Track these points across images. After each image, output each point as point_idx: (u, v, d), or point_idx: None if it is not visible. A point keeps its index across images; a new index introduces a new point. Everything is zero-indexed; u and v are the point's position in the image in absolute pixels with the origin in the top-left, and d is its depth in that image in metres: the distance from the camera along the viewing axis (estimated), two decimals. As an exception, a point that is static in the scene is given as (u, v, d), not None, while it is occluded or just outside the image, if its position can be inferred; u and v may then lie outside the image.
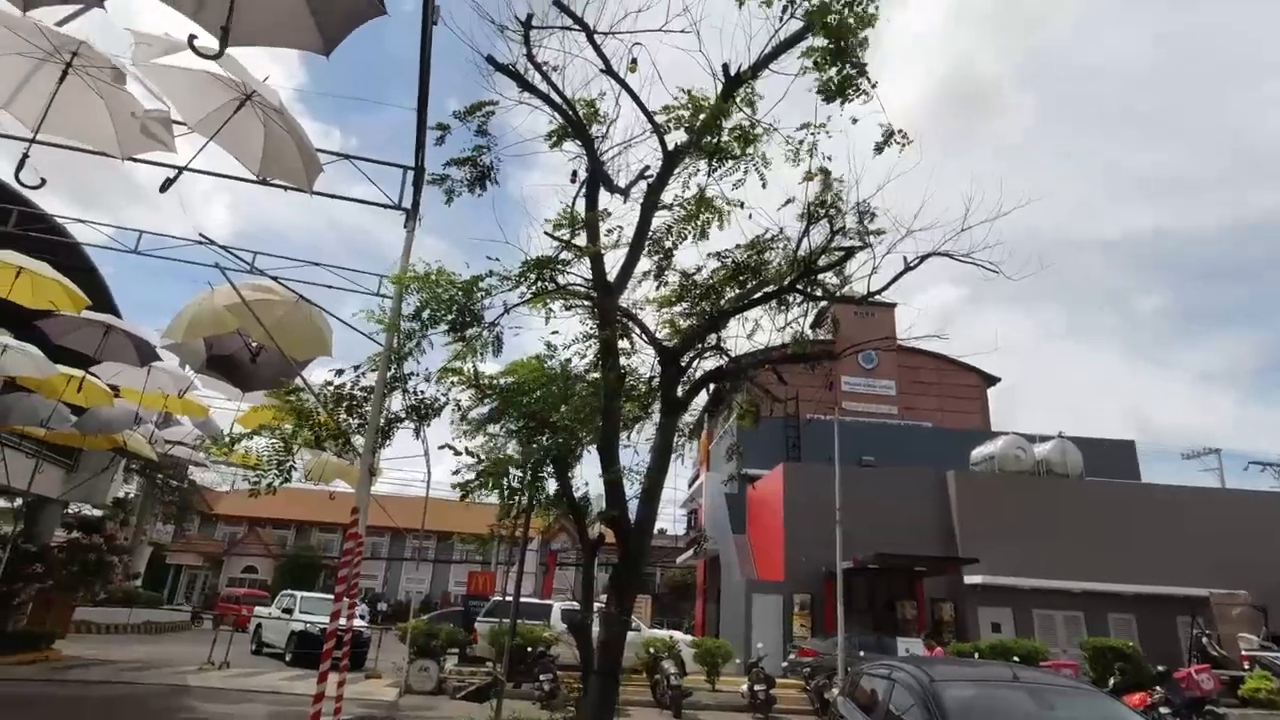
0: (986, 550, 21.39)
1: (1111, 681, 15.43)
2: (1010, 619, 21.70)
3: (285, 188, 5.59)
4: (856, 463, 25.09)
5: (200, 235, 7.01)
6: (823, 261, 6.62)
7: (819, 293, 6.99)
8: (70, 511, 21.18)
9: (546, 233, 6.04)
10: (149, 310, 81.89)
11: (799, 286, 6.69)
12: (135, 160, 5.47)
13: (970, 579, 21.65)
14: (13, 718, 10.11)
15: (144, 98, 5.45)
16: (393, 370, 6.19)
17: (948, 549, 22.38)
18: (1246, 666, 18.12)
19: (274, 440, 6.59)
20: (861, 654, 14.83)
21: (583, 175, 6.29)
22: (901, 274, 6.27)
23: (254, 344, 8.79)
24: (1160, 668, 16.71)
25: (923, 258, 6.20)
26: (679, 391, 6.92)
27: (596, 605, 7.26)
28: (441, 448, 6.83)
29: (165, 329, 8.38)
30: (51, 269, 8.69)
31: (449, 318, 5.67)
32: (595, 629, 6.45)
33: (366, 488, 5.88)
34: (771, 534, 24.21)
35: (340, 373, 6.44)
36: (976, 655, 16.48)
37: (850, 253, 6.57)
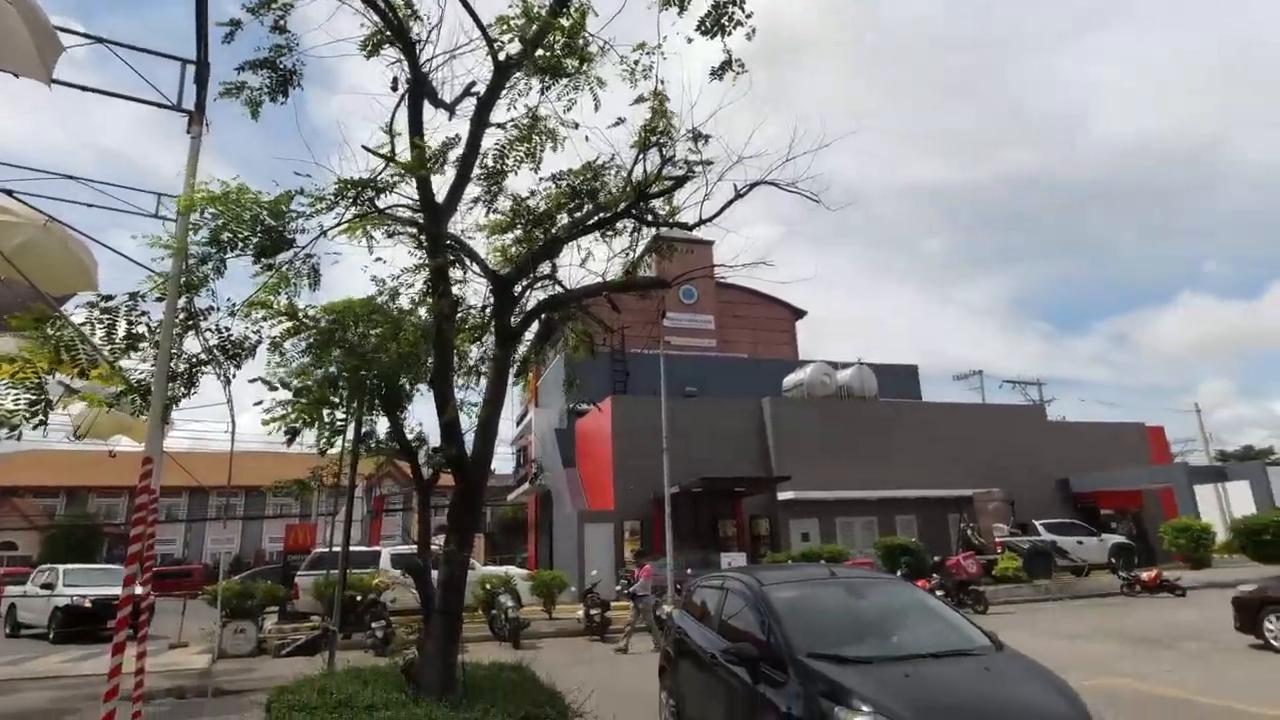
0: (797, 468, 23.43)
1: (899, 573, 17.70)
2: (817, 528, 24.11)
3: (14, 74, 4.52)
4: (680, 394, 26.19)
5: (-96, 137, 5.61)
6: (655, 189, 6.58)
7: (650, 219, 6.99)
8: None
9: (365, 147, 5.44)
10: None
11: (633, 212, 6.63)
12: None
13: (783, 495, 23.69)
14: None
15: None
16: (184, 300, 5.38)
17: (764, 470, 24.24)
18: (1000, 551, 21.58)
19: (20, 374, 5.50)
20: (690, 571, 15.79)
21: (404, 86, 5.72)
22: (732, 200, 6.40)
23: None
24: (936, 558, 19.42)
25: (751, 185, 6.36)
26: (512, 322, 6.69)
27: (433, 545, 7.02)
28: (253, 380, 6.12)
29: None
30: None
31: (254, 240, 4.99)
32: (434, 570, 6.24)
33: (159, 435, 5.16)
34: (601, 465, 24.83)
35: (108, 298, 5.48)
36: (790, 562, 18.14)
37: (682, 180, 6.59)
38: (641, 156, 6.48)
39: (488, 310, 7.16)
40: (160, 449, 5.56)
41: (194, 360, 6.09)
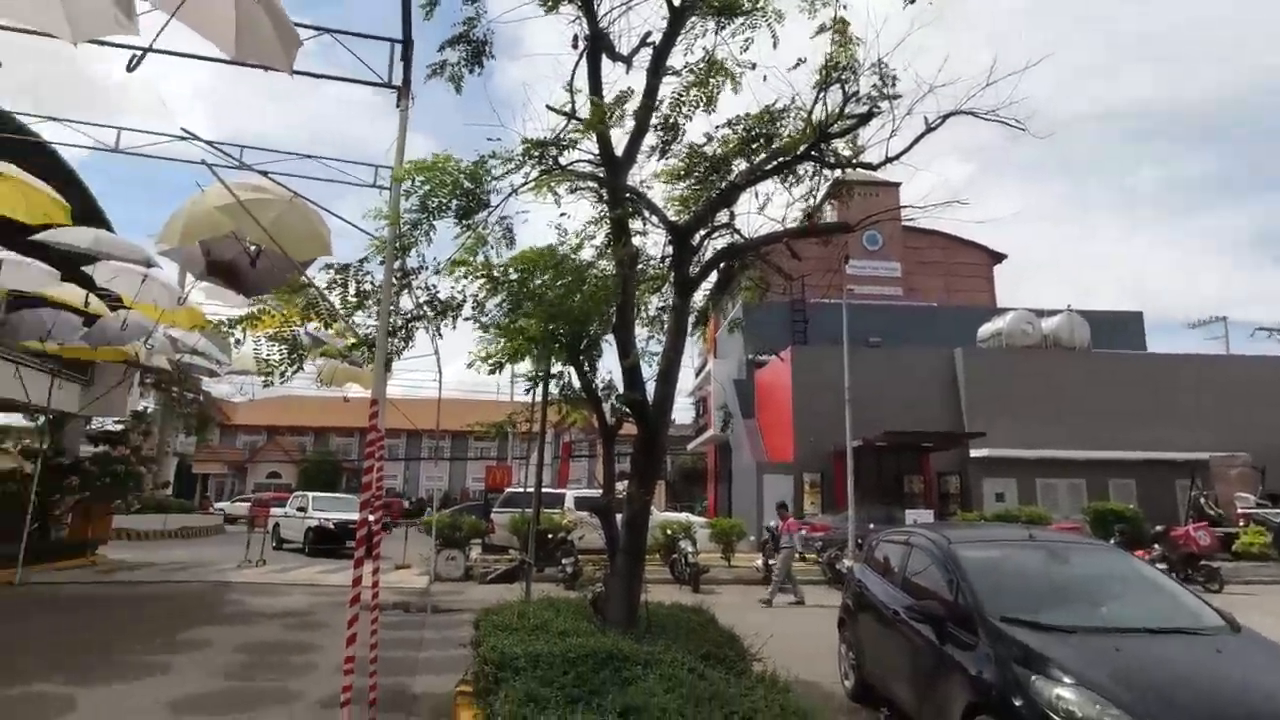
0: (993, 424, 21.77)
1: (1112, 541, 16.02)
2: (1014, 489, 22.38)
3: (264, 68, 5.22)
4: (864, 344, 25.22)
5: (184, 130, 6.68)
6: (837, 128, 6.27)
7: (832, 160, 6.68)
8: (93, 427, 21.59)
9: (549, 106, 5.69)
10: (140, 228, 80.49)
11: (813, 154, 6.37)
12: (95, 43, 5.07)
13: (976, 453, 22.17)
14: (83, 611, 10.63)
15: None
16: (399, 262, 6.00)
17: (955, 425, 22.79)
18: (1242, 524, 18.79)
19: (279, 330, 6.47)
20: (871, 527, 15.36)
21: (583, 43, 5.87)
22: (923, 134, 5.92)
23: (252, 246, 8.58)
24: (1158, 527, 17.33)
25: (945, 116, 5.84)
26: (691, 271, 6.75)
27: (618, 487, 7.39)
28: (466, 319, 6.65)
29: (158, 234, 8.15)
30: (24, 176, 8.33)
31: (455, 203, 5.43)
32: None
33: (383, 381, 5.85)
34: (780, 417, 24.62)
35: (345, 268, 6.25)
36: (982, 522, 17.03)
37: (867, 117, 6.20)
38: (822, 94, 6.17)
39: (667, 261, 7.28)
40: (384, 394, 6.30)
41: (409, 316, 6.78)
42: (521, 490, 18.77)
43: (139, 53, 4.31)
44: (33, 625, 9.92)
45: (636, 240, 6.79)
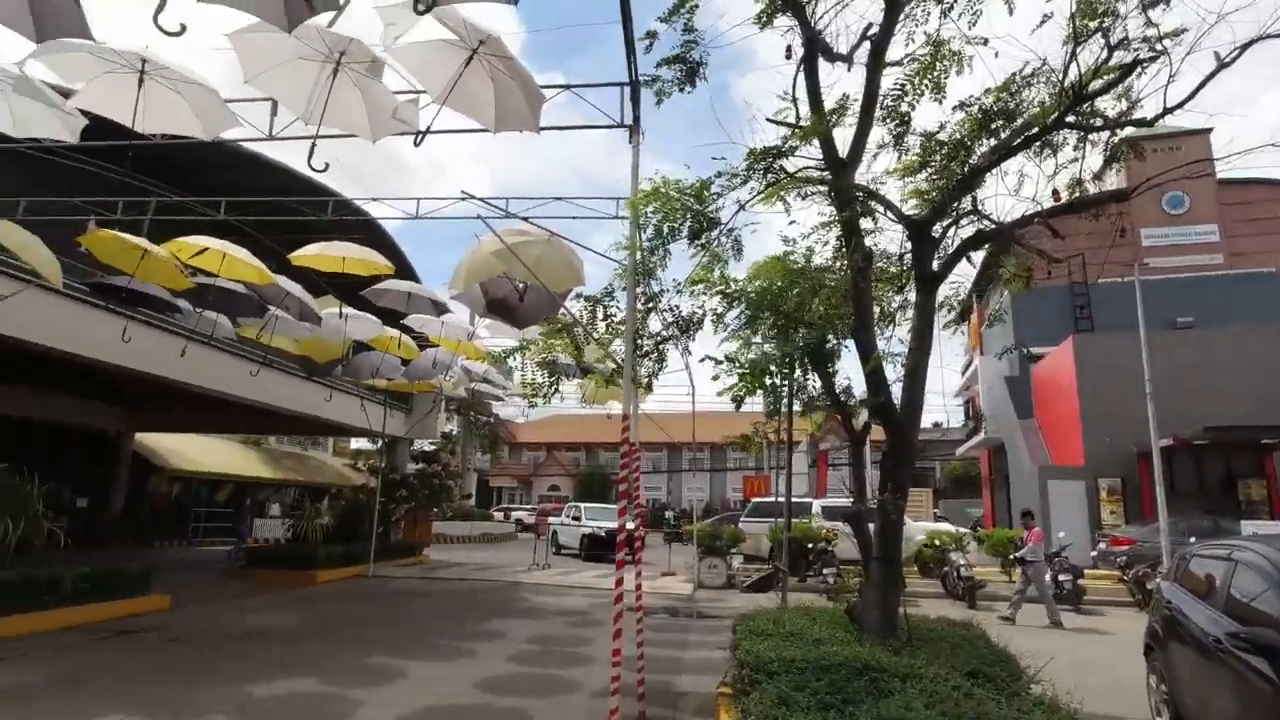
0: (1370, 413, 17.18)
1: None
2: None
3: (519, 131, 6.05)
4: (1170, 326, 21.45)
5: (463, 192, 7.87)
6: (1097, 84, 5.53)
7: (1097, 123, 5.89)
8: (414, 448, 25.84)
9: (769, 119, 5.80)
10: (437, 276, 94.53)
11: (1068, 120, 5.68)
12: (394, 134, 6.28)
13: (1344, 450, 17.64)
14: (412, 601, 12.93)
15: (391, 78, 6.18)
16: (642, 287, 6.48)
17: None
18: None
19: (543, 357, 7.33)
20: (1193, 540, 12.95)
21: (799, 49, 5.89)
22: (1213, 74, 4.97)
23: (519, 283, 9.79)
24: None
25: (1243, 47, 4.87)
26: (934, 265, 6.37)
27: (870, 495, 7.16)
28: (702, 360, 7.05)
29: (450, 281, 9.67)
30: (362, 248, 10.38)
31: (685, 225, 5.76)
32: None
33: (633, 399, 6.34)
34: (1064, 415, 21.78)
35: (594, 298, 6.90)
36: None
37: (1134, 66, 5.40)
38: (1076, 50, 5.49)
39: (906, 257, 6.95)
40: (635, 410, 6.82)
41: (658, 338, 7.25)
42: (770, 500, 18.80)
43: (420, 134, 5.25)
44: (378, 609, 12.20)
45: (870, 239, 6.59)
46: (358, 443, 40.39)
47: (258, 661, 7.92)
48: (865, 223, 6.55)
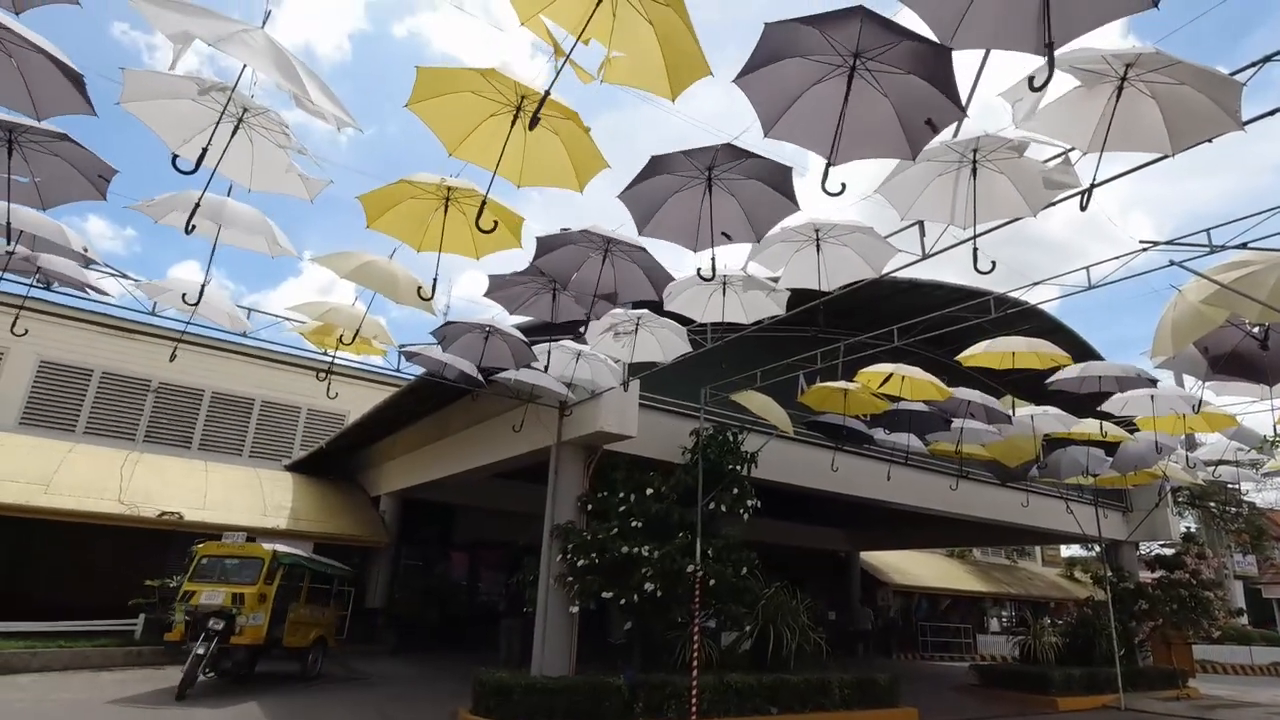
0: None
1: None
2: None
3: (1202, 140, 4.88)
4: None
5: (1141, 242, 6.76)
6: None
7: None
8: (1141, 553, 21.87)
9: None
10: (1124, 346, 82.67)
11: None
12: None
13: None
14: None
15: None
16: None
17: None
18: None
19: None
20: None
21: None
22: None
23: (1254, 327, 7.65)
24: None
25: None
26: None
27: None
28: None
29: (1150, 350, 8.17)
30: (1030, 340, 9.83)
31: None
32: None
33: None
34: None
35: None
36: None
37: None
38: None
39: None
40: None
41: None
42: None
43: (1085, 192, 4.71)
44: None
45: None
46: (1068, 550, 36.46)
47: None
48: None
